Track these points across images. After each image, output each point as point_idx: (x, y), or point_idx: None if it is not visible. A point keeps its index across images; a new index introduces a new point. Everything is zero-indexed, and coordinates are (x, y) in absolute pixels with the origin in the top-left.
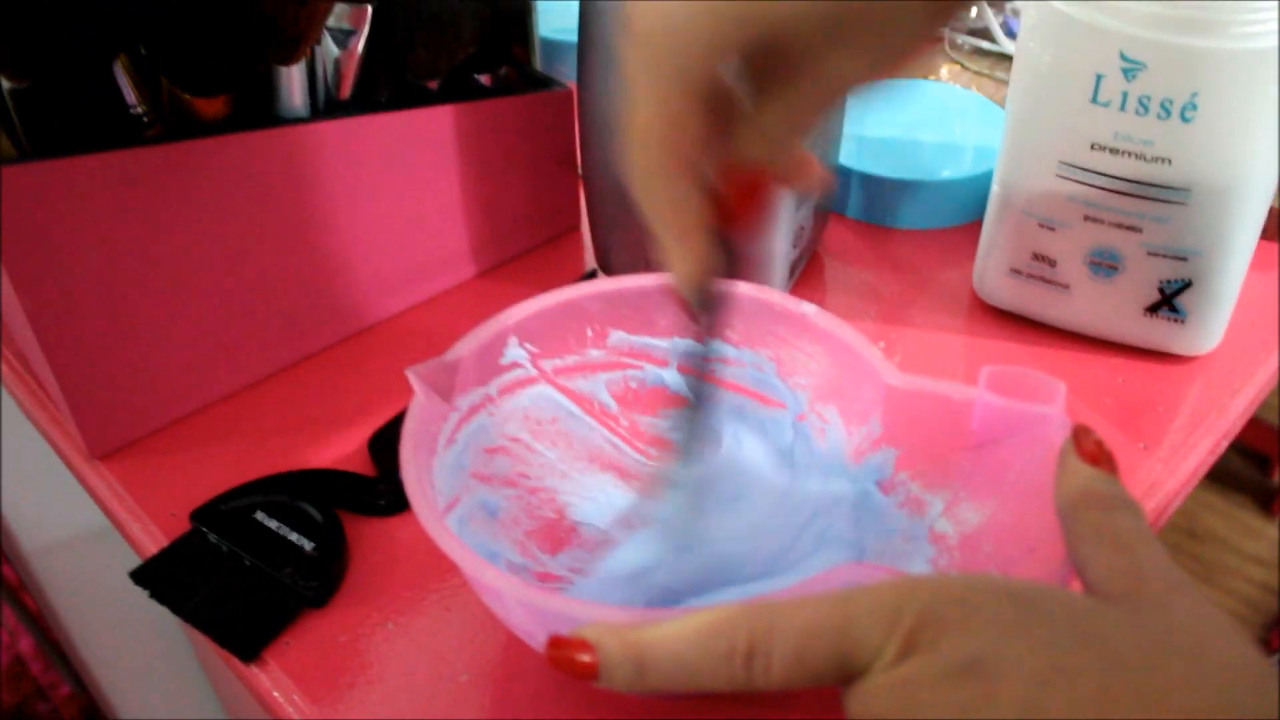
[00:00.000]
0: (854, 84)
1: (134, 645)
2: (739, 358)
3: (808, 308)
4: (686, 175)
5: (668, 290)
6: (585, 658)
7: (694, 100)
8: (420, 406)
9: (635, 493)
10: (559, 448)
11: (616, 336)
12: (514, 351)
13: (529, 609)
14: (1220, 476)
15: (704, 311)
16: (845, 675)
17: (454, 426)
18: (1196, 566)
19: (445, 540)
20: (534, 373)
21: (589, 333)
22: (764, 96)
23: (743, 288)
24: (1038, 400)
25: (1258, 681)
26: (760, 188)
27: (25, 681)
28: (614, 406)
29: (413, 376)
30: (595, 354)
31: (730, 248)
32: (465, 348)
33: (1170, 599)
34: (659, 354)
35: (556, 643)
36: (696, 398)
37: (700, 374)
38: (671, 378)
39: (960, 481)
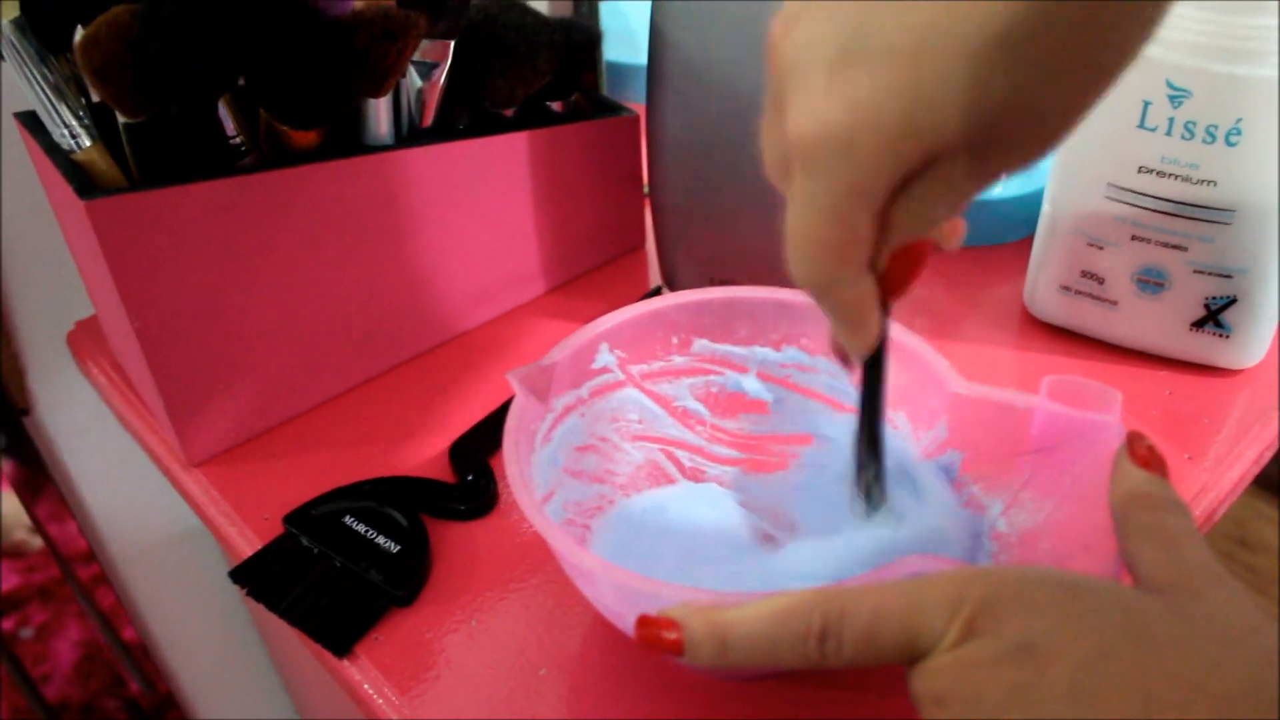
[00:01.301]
0: (1011, 171)
1: (209, 645)
2: (814, 365)
3: None
4: (858, 269)
5: (837, 353)
6: (671, 635)
7: (866, 209)
8: (520, 406)
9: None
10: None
11: (700, 344)
12: (604, 357)
13: (619, 590)
14: (1274, 486)
15: (873, 373)
16: (910, 656)
17: (549, 425)
18: (1249, 576)
19: (544, 526)
20: (622, 377)
21: (674, 340)
22: (926, 187)
23: None
24: (1096, 409)
25: None
26: (919, 256)
27: (95, 679)
28: (701, 410)
29: (513, 379)
30: (679, 360)
31: (889, 308)
32: (560, 353)
33: (1210, 591)
34: (739, 361)
35: (645, 621)
36: (871, 447)
37: (872, 422)
38: (750, 384)
39: (1020, 484)
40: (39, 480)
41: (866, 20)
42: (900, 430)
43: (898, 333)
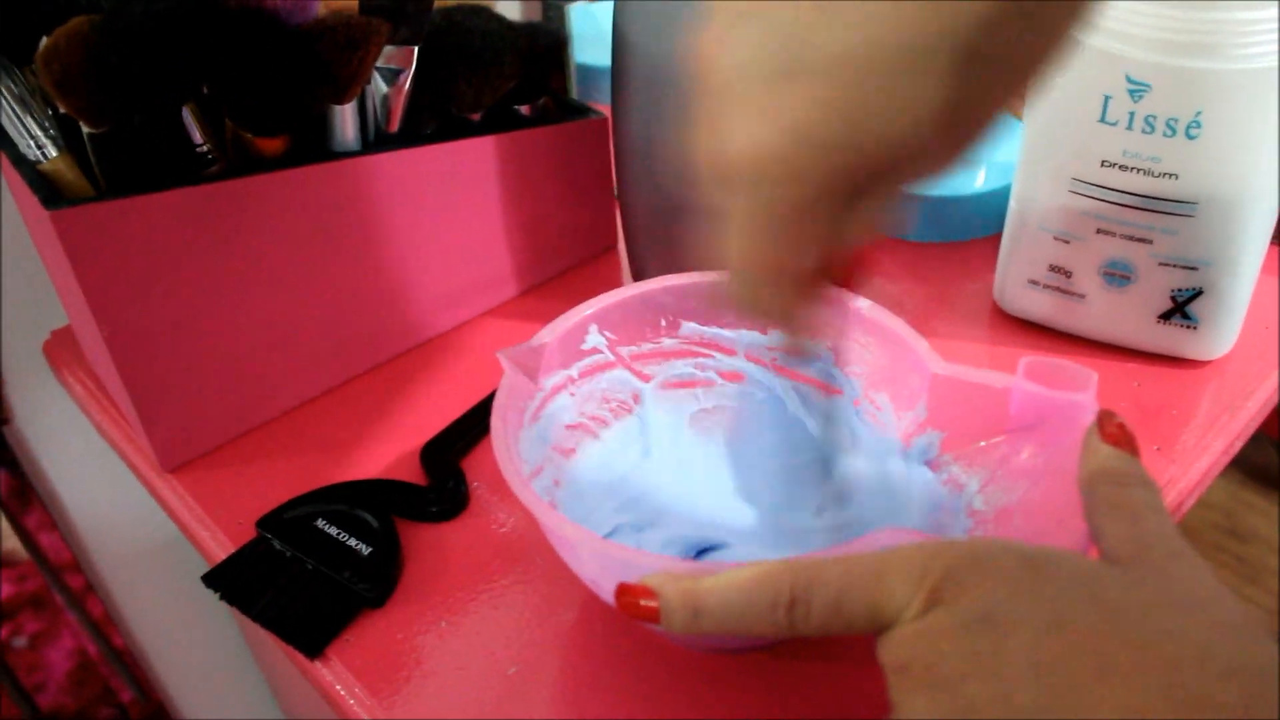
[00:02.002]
0: (933, 175)
1: (196, 651)
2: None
3: (862, 302)
4: (791, 278)
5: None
6: (648, 602)
7: (810, 228)
8: (509, 385)
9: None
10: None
11: (688, 327)
12: (594, 338)
13: (600, 559)
14: (1263, 477)
15: (810, 351)
16: (876, 625)
17: (539, 404)
18: (1240, 567)
19: (529, 499)
20: (612, 358)
21: (663, 323)
22: (872, 198)
23: None
24: (1072, 389)
25: (1244, 634)
26: (866, 256)
27: (88, 687)
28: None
29: (503, 358)
30: (668, 342)
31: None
32: (551, 334)
33: (1168, 564)
34: (726, 344)
35: (623, 590)
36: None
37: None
38: (742, 364)
39: (997, 463)
40: (27, 490)
41: (802, 36)
42: (883, 411)
43: (879, 315)
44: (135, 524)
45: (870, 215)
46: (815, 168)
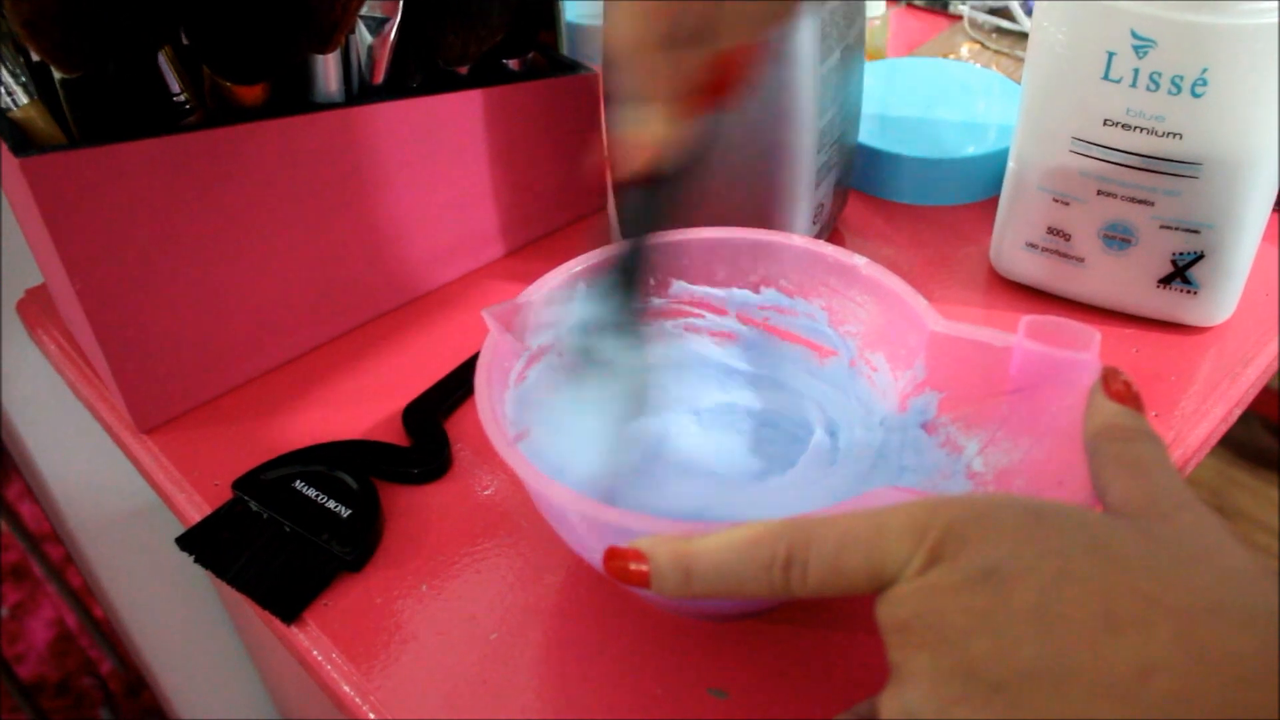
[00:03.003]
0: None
1: (176, 621)
2: (793, 307)
3: (859, 259)
4: (667, 60)
5: (633, 149)
6: (637, 566)
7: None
8: (494, 344)
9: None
10: None
11: (678, 286)
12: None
13: (589, 522)
14: (1250, 454)
15: (658, 185)
16: (876, 584)
17: (524, 364)
18: None
19: (515, 460)
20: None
21: (651, 282)
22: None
23: (796, 240)
24: (1074, 348)
25: (1256, 582)
26: (732, 69)
27: (70, 658)
28: None
29: (488, 316)
30: (657, 301)
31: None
32: (537, 291)
33: (1177, 515)
34: (717, 303)
35: (613, 554)
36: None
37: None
38: (733, 324)
39: (997, 423)
40: (5, 460)
41: None
42: (879, 372)
43: (875, 272)
44: (112, 490)
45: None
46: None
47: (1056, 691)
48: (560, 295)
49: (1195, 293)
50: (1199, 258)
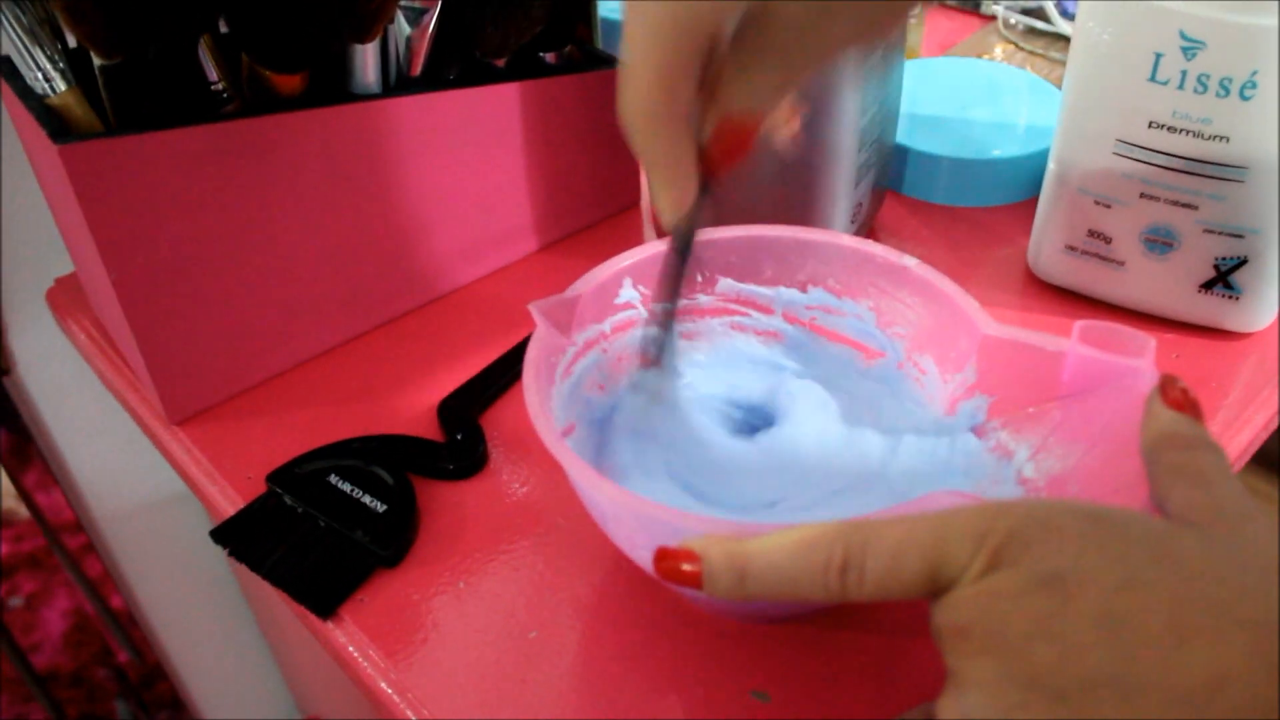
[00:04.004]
0: (840, 50)
1: (194, 612)
2: (840, 307)
3: (909, 260)
4: (677, 124)
5: (655, 223)
6: (690, 567)
7: (690, 58)
8: (541, 338)
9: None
10: None
11: (724, 283)
12: (628, 292)
13: (640, 520)
14: (1270, 462)
15: (683, 246)
16: (934, 589)
17: (570, 359)
18: None
19: (565, 458)
20: (645, 313)
21: (699, 278)
22: (754, 57)
23: (845, 239)
24: (1128, 354)
25: None
26: (743, 138)
27: (85, 648)
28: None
29: (535, 310)
30: (704, 299)
31: (711, 190)
32: (584, 286)
33: (1243, 526)
34: (764, 301)
35: (664, 554)
36: (663, 324)
37: (670, 301)
38: (779, 324)
39: (1049, 429)
40: (26, 448)
41: None
42: (928, 375)
43: (926, 273)
44: (137, 480)
45: (752, 81)
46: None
47: (1124, 701)
48: (607, 291)
49: (1237, 298)
50: (1242, 262)
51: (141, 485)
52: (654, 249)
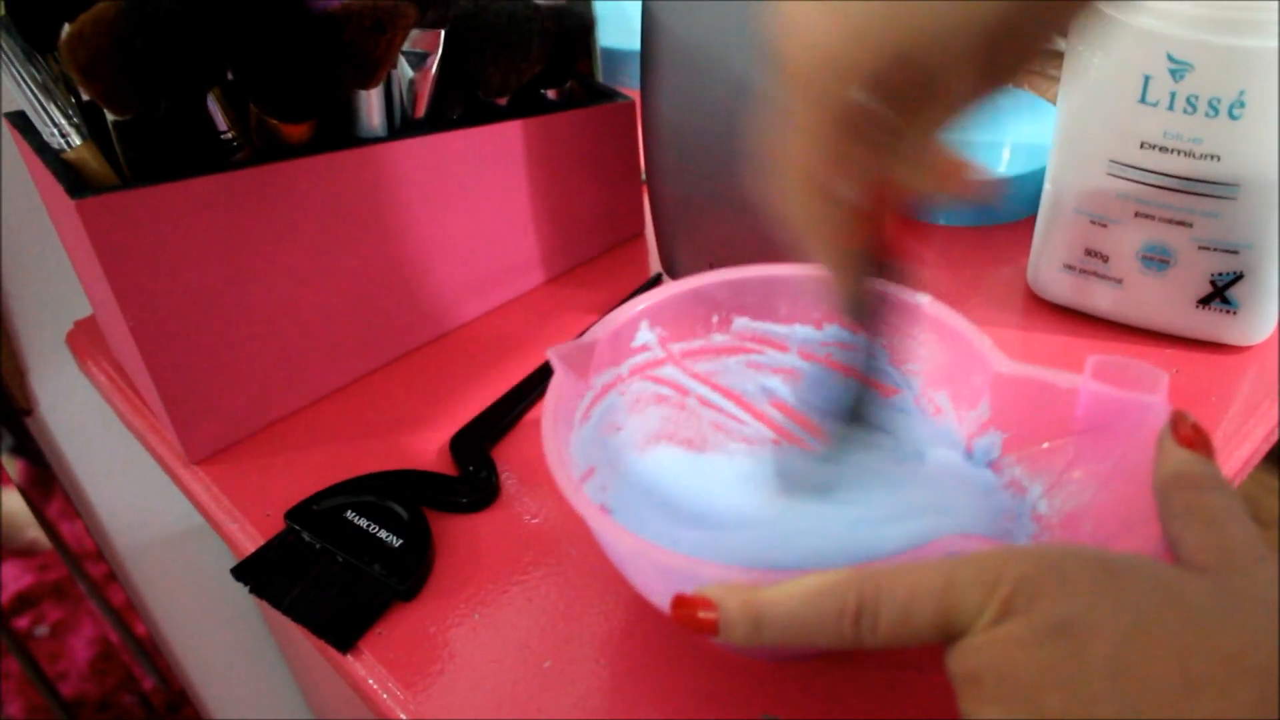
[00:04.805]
0: (976, 97)
1: (218, 639)
2: (855, 343)
3: (922, 298)
4: (835, 196)
5: (828, 301)
6: (707, 615)
7: (840, 124)
8: (559, 384)
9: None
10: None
11: (740, 323)
12: (644, 335)
13: (657, 568)
14: None
15: (861, 318)
16: (946, 635)
17: (589, 403)
18: None
19: (583, 506)
20: (663, 355)
21: (714, 319)
22: (900, 116)
23: None
24: (1142, 389)
25: None
26: (905, 202)
27: (110, 676)
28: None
29: (553, 356)
30: (720, 338)
31: (881, 261)
32: (601, 330)
33: (1253, 569)
34: (779, 339)
35: (681, 601)
36: (859, 400)
37: (864, 375)
38: (795, 361)
39: (1063, 466)
40: (49, 480)
41: None
42: (943, 412)
43: (939, 311)
44: (157, 513)
45: (916, 152)
46: (866, 67)
47: None
48: (624, 335)
49: (1234, 312)
50: (1238, 278)
51: (163, 518)
52: (669, 291)
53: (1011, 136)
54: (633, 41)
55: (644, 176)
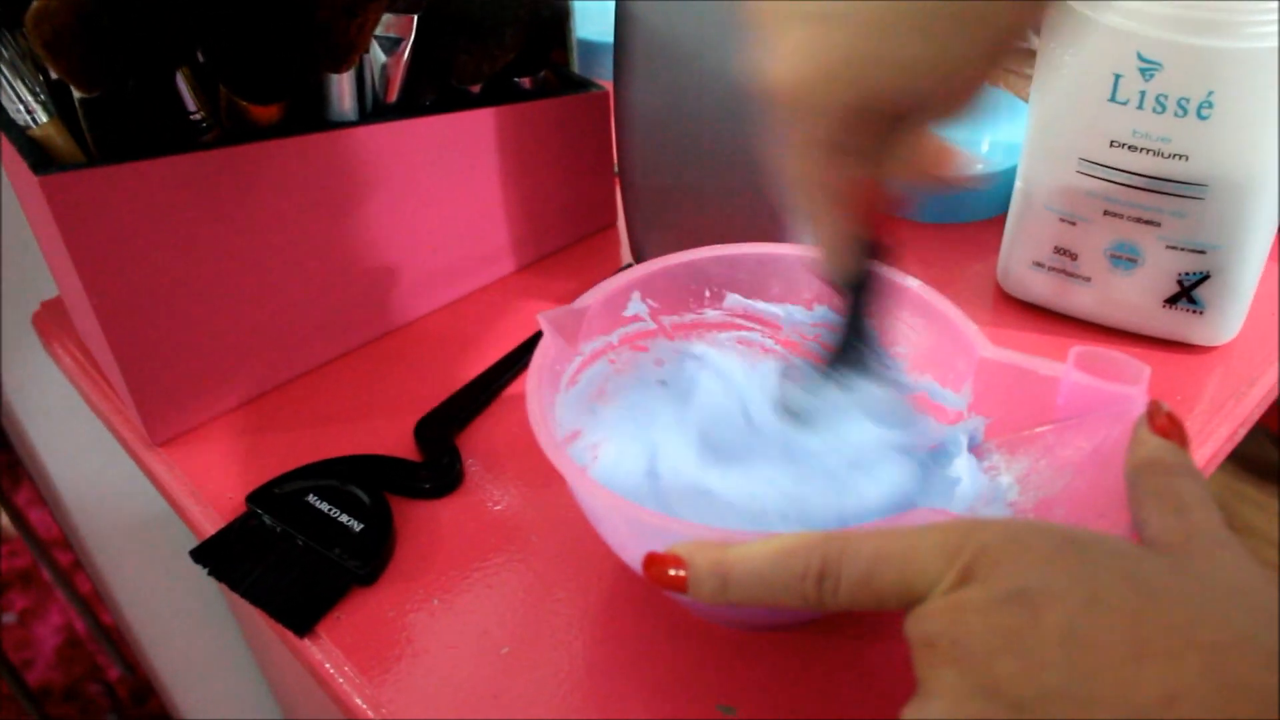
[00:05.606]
0: (939, 122)
1: (184, 628)
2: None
3: (911, 281)
4: (832, 196)
5: (825, 281)
6: (676, 572)
7: (823, 143)
8: (547, 347)
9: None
10: None
11: (732, 299)
12: (636, 305)
13: (632, 525)
14: (1259, 469)
15: (851, 294)
16: (906, 601)
17: (576, 368)
18: None
19: (563, 464)
20: (653, 326)
21: (707, 294)
22: (878, 138)
23: None
24: (1123, 381)
25: None
26: (894, 191)
27: (77, 664)
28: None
29: (543, 320)
30: (711, 314)
31: (872, 242)
32: (593, 298)
33: (1214, 552)
34: (770, 318)
35: (652, 560)
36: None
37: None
38: (785, 341)
39: (1041, 452)
40: (16, 468)
41: None
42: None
43: (928, 294)
44: (124, 499)
45: (897, 155)
46: (840, 99)
47: (1078, 713)
48: (615, 304)
49: (1201, 312)
50: (1205, 278)
51: (128, 504)
52: (663, 263)
53: (984, 134)
54: (609, 34)
55: (616, 168)
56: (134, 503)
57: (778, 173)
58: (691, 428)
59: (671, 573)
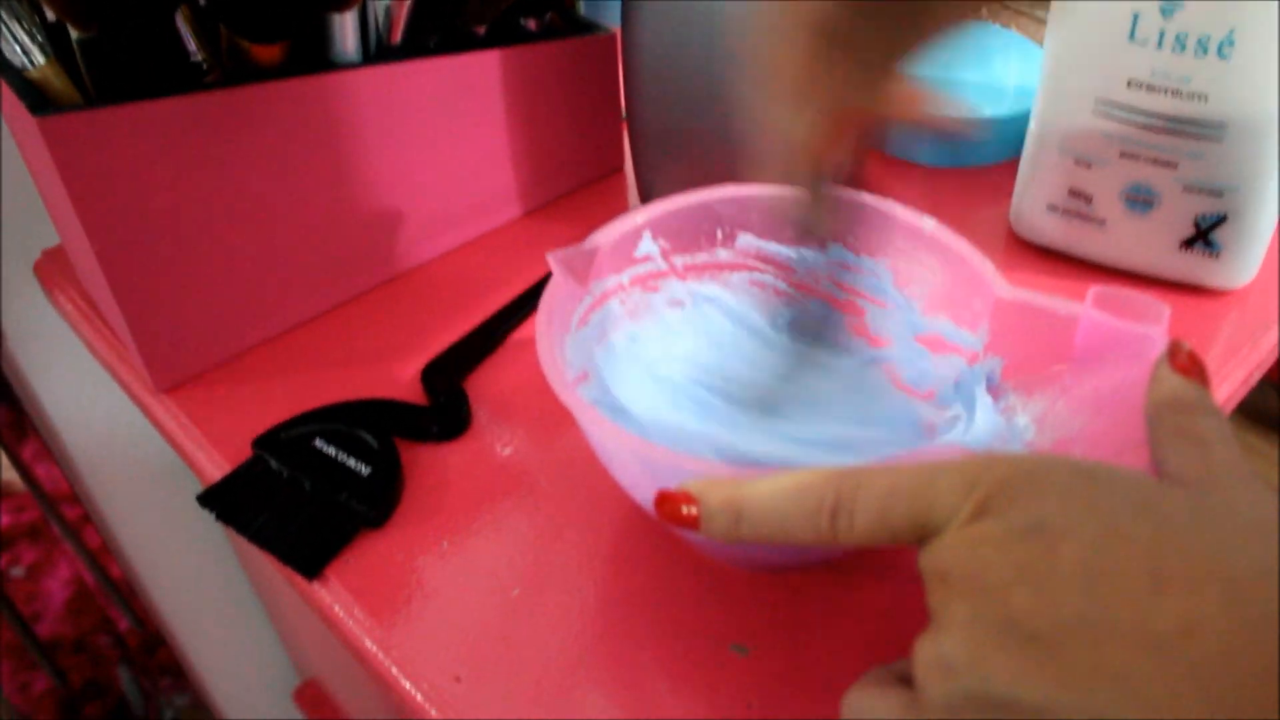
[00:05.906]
0: (941, 27)
1: (193, 579)
2: (858, 264)
3: (927, 220)
4: (807, 102)
5: (785, 208)
6: (688, 509)
7: (813, 38)
8: (557, 286)
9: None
10: None
11: (745, 240)
12: (647, 245)
13: (644, 463)
14: (1262, 418)
15: (821, 234)
16: (921, 535)
17: (587, 309)
18: None
19: (571, 400)
20: (665, 266)
21: (719, 234)
22: (872, 31)
23: (867, 199)
24: (1142, 321)
25: None
26: (871, 129)
27: (86, 616)
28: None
29: (553, 259)
30: (723, 254)
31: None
32: (603, 238)
33: (1235, 488)
34: (783, 259)
35: (664, 497)
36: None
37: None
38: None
39: (1058, 392)
40: (23, 420)
41: None
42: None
43: (942, 234)
44: (130, 448)
45: (880, 80)
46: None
47: (1095, 644)
48: (626, 244)
49: (1217, 255)
50: (1222, 220)
51: (134, 454)
52: (675, 203)
53: (997, 78)
54: None
55: (624, 112)
56: (141, 454)
57: (759, 91)
58: (703, 367)
59: (684, 510)
